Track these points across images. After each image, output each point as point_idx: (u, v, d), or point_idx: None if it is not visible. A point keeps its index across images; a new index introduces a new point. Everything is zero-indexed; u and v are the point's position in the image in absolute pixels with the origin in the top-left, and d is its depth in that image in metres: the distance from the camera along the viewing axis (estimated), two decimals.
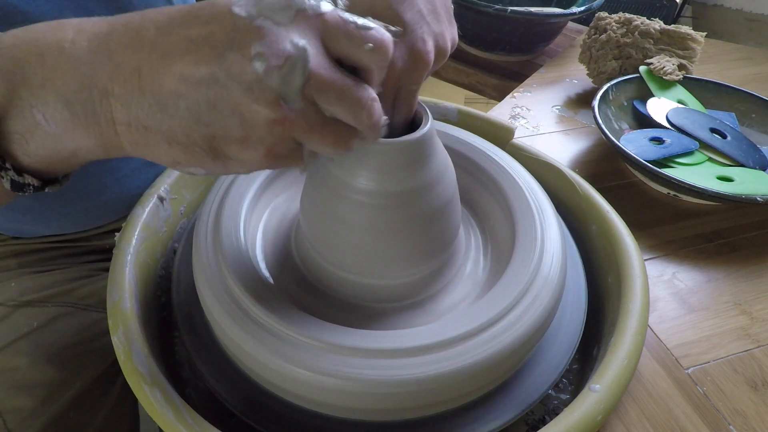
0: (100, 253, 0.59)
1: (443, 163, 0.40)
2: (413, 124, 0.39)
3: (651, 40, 0.77)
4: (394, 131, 0.38)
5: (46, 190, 0.28)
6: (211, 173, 0.27)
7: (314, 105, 0.25)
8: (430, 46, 0.34)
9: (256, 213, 0.46)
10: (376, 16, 0.27)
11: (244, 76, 0.23)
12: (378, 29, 0.25)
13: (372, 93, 0.26)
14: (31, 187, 0.27)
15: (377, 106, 0.26)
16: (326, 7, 0.24)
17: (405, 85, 0.34)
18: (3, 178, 0.26)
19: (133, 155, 0.26)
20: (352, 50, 0.25)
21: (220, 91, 0.24)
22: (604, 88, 0.71)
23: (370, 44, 0.25)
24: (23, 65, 0.24)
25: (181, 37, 0.24)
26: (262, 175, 0.47)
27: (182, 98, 0.24)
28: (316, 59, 0.24)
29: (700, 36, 0.77)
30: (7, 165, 0.26)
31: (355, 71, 0.26)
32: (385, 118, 0.28)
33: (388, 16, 0.31)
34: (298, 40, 0.23)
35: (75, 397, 0.50)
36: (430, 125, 0.37)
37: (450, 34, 0.36)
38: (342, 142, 0.27)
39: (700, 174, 0.62)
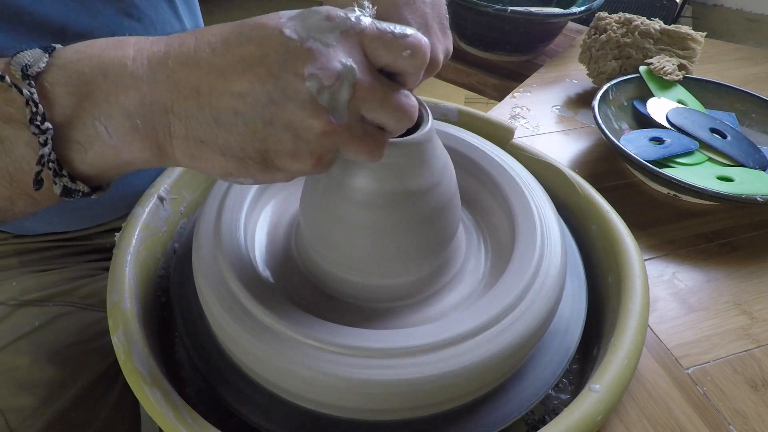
0: (101, 252, 0.59)
1: (443, 163, 0.40)
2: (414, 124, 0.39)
3: (651, 40, 0.77)
4: None
5: (93, 197, 0.29)
6: (257, 182, 0.28)
7: (358, 116, 0.27)
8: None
9: (256, 212, 0.46)
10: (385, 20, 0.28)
11: (298, 95, 0.25)
12: (415, 35, 0.26)
13: (412, 98, 0.28)
14: (80, 193, 0.28)
15: (416, 111, 0.28)
16: (365, 21, 0.26)
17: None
18: (56, 183, 0.27)
19: (185, 167, 0.28)
20: (392, 59, 0.26)
21: (275, 109, 0.25)
22: (604, 88, 0.71)
23: (408, 50, 0.26)
24: (89, 80, 0.26)
25: (236, 57, 0.26)
26: None
27: (239, 115, 0.25)
28: (362, 74, 0.26)
29: (700, 36, 0.77)
30: (64, 172, 0.27)
31: (392, 76, 0.28)
32: None
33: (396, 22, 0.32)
34: (345, 59, 0.25)
35: (76, 396, 0.50)
36: (430, 125, 0.37)
37: (443, 46, 0.36)
38: (378, 150, 0.28)
39: (700, 174, 0.62)
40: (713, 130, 0.68)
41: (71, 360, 0.50)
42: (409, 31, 0.26)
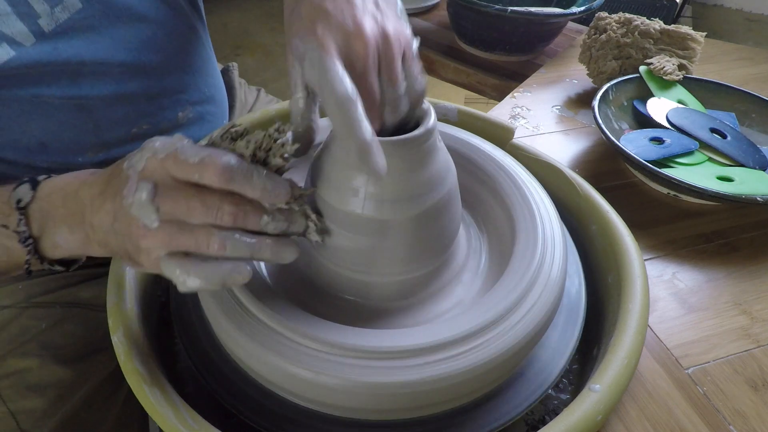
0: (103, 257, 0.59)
1: (444, 162, 0.40)
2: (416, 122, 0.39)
3: (651, 40, 0.77)
4: (399, 127, 0.37)
5: (69, 270, 0.43)
6: (148, 270, 0.35)
7: (171, 216, 0.32)
8: (365, 22, 0.34)
9: None
10: (303, 18, 0.33)
11: (120, 211, 0.33)
12: (203, 161, 0.31)
13: (208, 198, 0.32)
14: (58, 270, 0.42)
15: (219, 213, 0.32)
16: (165, 150, 0.32)
17: (382, 73, 0.35)
18: (42, 267, 0.41)
19: (106, 256, 0.39)
20: (184, 178, 0.32)
21: (117, 224, 0.34)
22: (604, 88, 0.71)
23: (196, 175, 0.31)
24: (53, 207, 0.39)
25: (104, 189, 0.36)
26: None
27: (109, 229, 0.35)
28: (162, 191, 0.32)
29: (700, 36, 0.77)
30: (45, 263, 0.41)
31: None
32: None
33: (310, 14, 0.34)
34: (142, 182, 0.32)
35: (86, 396, 0.50)
36: (432, 122, 0.37)
37: (396, 24, 0.37)
38: (203, 240, 0.32)
39: (700, 174, 0.62)
40: (713, 130, 0.68)
41: (79, 361, 0.51)
42: (201, 155, 0.32)
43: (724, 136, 0.67)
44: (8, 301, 0.52)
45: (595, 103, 0.67)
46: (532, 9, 0.91)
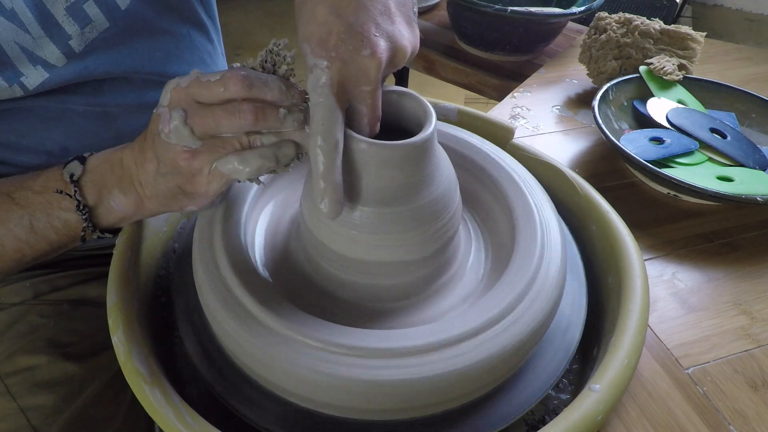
0: (110, 255, 0.60)
1: (443, 162, 0.40)
2: (406, 124, 0.39)
3: (651, 40, 0.77)
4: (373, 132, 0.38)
5: (111, 236, 0.45)
6: (198, 207, 0.40)
7: (207, 135, 0.36)
8: (379, 44, 0.34)
9: (256, 212, 0.46)
10: (319, 23, 0.35)
11: (161, 146, 0.37)
12: (224, 76, 0.35)
13: (229, 106, 0.35)
14: (105, 237, 0.45)
15: (241, 114, 0.35)
16: (187, 80, 0.36)
17: (355, 87, 0.35)
18: (93, 236, 0.44)
19: (157, 213, 0.43)
20: (210, 98, 0.35)
21: (161, 161, 0.38)
22: (604, 88, 0.70)
23: (221, 88, 0.34)
24: (104, 176, 0.42)
25: (143, 147, 0.40)
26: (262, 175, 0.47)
27: (158, 173, 0.39)
28: (191, 115, 0.35)
29: (700, 36, 0.77)
30: (97, 232, 0.44)
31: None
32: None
33: (327, 22, 0.34)
34: (173, 110, 0.36)
35: (95, 393, 0.50)
36: (432, 128, 0.37)
37: (409, 35, 0.37)
38: (243, 142, 0.36)
39: (700, 174, 0.62)
40: (713, 130, 0.68)
41: (88, 358, 0.51)
42: (221, 73, 0.35)
43: (724, 136, 0.67)
44: (16, 298, 0.53)
45: (595, 103, 0.67)
46: (532, 9, 0.91)
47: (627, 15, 0.79)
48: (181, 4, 0.55)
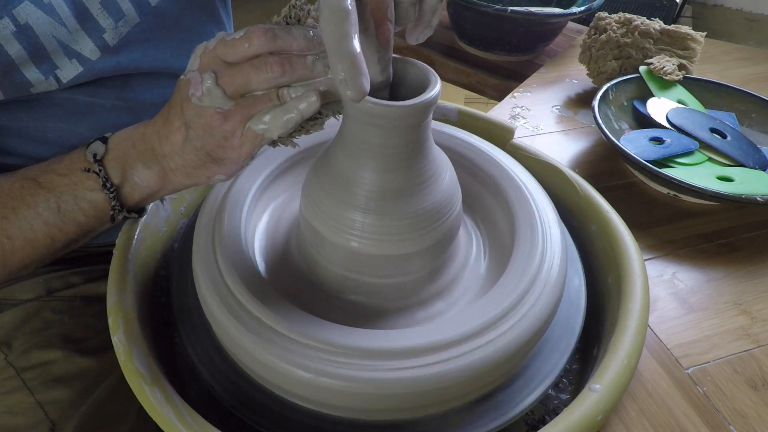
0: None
1: (444, 163, 0.40)
2: (409, 92, 0.38)
3: (651, 40, 0.77)
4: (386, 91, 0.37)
5: (139, 217, 0.46)
6: (227, 175, 0.39)
7: (238, 94, 0.36)
8: None
9: (256, 213, 0.46)
10: None
11: (192, 110, 0.36)
12: (247, 30, 0.34)
13: (256, 61, 0.35)
14: (132, 217, 0.45)
15: (268, 67, 0.35)
16: (213, 42, 0.36)
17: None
18: (120, 216, 0.43)
19: (182, 187, 0.42)
20: (237, 56, 0.35)
21: (192, 127, 0.37)
22: (604, 88, 0.71)
23: (246, 44, 0.34)
24: (125, 154, 0.42)
25: (169, 109, 0.39)
26: (262, 175, 0.47)
27: (184, 141, 0.38)
28: (221, 76, 0.35)
29: (700, 36, 0.77)
30: (124, 212, 0.43)
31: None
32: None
33: None
34: (204, 73, 0.36)
35: (111, 387, 0.51)
36: (438, 89, 0.36)
37: None
38: (273, 97, 0.36)
39: (700, 174, 0.62)
40: (713, 130, 0.68)
41: (102, 353, 0.51)
42: (244, 30, 0.35)
43: (724, 136, 0.67)
44: (30, 294, 0.53)
45: (595, 103, 0.67)
46: (532, 9, 0.91)
47: (627, 15, 0.79)
48: (205, 2, 0.56)
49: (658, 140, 0.66)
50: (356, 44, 0.31)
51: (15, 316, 0.52)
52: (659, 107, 0.71)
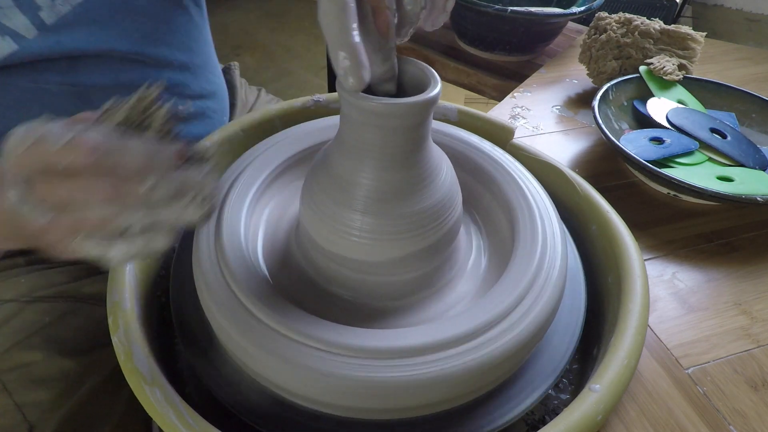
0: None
1: (444, 163, 0.40)
2: (407, 92, 0.37)
3: (651, 40, 0.77)
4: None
5: None
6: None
7: (64, 207, 0.30)
8: None
9: (256, 213, 0.46)
10: None
11: (8, 208, 0.31)
12: (72, 143, 0.29)
13: (80, 180, 0.30)
14: None
15: (92, 192, 0.30)
16: (32, 138, 0.29)
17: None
18: None
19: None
20: (59, 166, 0.29)
21: (8, 225, 0.33)
22: (604, 88, 0.71)
23: (70, 156, 0.29)
24: None
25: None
26: (262, 175, 0.47)
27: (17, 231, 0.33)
28: (38, 184, 0.30)
29: (700, 36, 0.77)
30: None
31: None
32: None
33: None
34: (14, 178, 0.30)
35: (92, 390, 0.50)
36: (438, 90, 0.36)
37: None
38: (105, 218, 0.31)
39: (700, 174, 0.62)
40: (713, 130, 0.68)
41: (85, 354, 0.51)
42: (66, 138, 0.29)
43: (724, 136, 0.67)
44: (10, 294, 0.52)
45: (595, 103, 0.67)
46: (532, 9, 0.91)
47: (627, 15, 0.79)
48: None
49: (658, 140, 0.66)
50: (356, 35, 0.30)
51: None
52: (659, 107, 0.71)
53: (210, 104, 0.64)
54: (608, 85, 0.71)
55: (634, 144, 0.65)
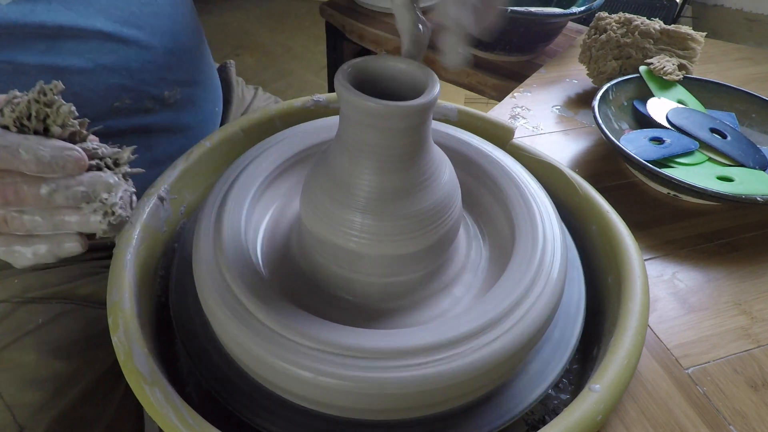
0: (101, 251, 0.59)
1: (444, 164, 0.40)
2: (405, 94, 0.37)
3: (651, 40, 0.77)
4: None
5: None
6: None
7: None
8: None
9: (256, 213, 0.46)
10: None
11: None
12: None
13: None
14: None
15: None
16: None
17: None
18: None
19: None
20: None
21: None
22: (604, 88, 0.71)
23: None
24: None
25: None
26: (262, 175, 0.47)
27: None
28: None
29: (700, 36, 0.77)
30: None
31: None
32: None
33: None
34: None
35: (84, 391, 0.50)
36: (437, 89, 0.35)
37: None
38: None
39: (700, 174, 0.62)
40: (713, 130, 0.68)
41: (77, 356, 0.51)
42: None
43: (724, 136, 0.67)
44: (3, 295, 0.52)
45: (595, 103, 0.67)
46: (532, 9, 0.91)
47: (627, 15, 0.79)
48: None
49: (658, 140, 0.66)
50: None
51: None
52: (659, 107, 0.71)
53: (199, 92, 0.63)
54: (608, 85, 0.71)
55: (634, 144, 0.65)
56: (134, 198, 0.31)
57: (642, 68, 0.75)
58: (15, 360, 0.49)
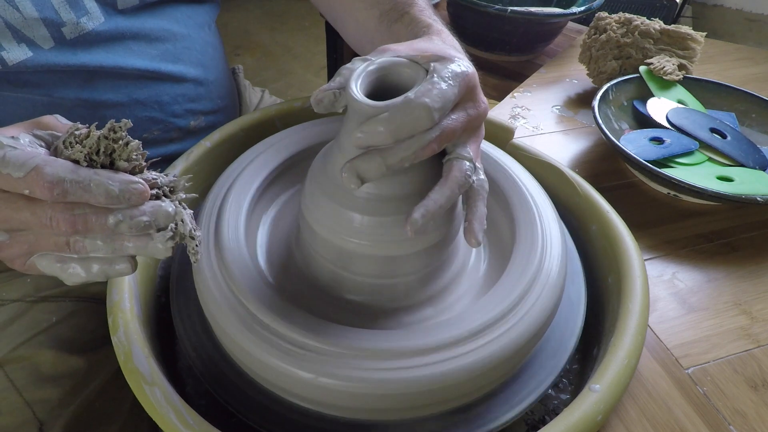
0: None
1: (441, 160, 0.40)
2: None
3: (651, 40, 0.77)
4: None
5: None
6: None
7: (18, 230, 0.30)
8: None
9: (256, 213, 0.46)
10: None
11: None
12: (28, 177, 0.28)
13: (38, 209, 0.29)
14: None
15: (54, 223, 0.29)
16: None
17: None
18: None
19: None
20: (18, 191, 0.29)
21: None
22: (604, 88, 0.71)
23: (25, 189, 0.28)
24: None
25: None
26: (262, 176, 0.47)
27: None
28: (2, 202, 0.29)
29: (700, 36, 0.77)
30: None
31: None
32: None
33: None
34: None
35: (101, 386, 0.51)
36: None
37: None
38: (61, 244, 0.30)
39: (700, 174, 0.62)
40: (713, 130, 0.68)
41: (92, 352, 0.51)
42: (26, 168, 0.28)
43: (724, 136, 0.67)
44: (16, 294, 0.53)
45: (595, 103, 0.67)
46: (532, 9, 0.91)
47: (627, 15, 0.79)
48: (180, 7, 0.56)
49: (658, 140, 0.66)
50: None
51: (1, 316, 0.52)
52: (659, 107, 0.71)
53: (221, 118, 0.66)
54: (608, 85, 0.71)
55: (634, 144, 0.65)
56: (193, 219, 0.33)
57: (642, 68, 0.75)
58: (32, 357, 0.50)
